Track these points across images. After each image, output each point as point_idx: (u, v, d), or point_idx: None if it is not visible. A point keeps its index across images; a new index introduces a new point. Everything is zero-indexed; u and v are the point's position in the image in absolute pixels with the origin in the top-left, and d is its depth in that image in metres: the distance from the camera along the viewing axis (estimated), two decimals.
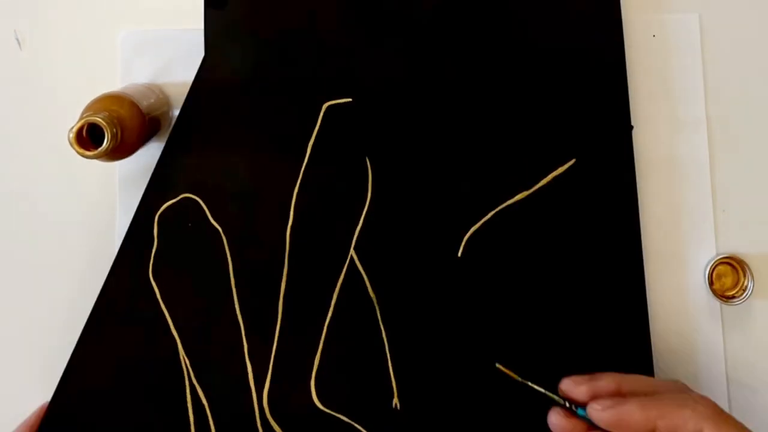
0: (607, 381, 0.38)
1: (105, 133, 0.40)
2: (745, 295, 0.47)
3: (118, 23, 0.50)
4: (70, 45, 0.50)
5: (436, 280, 0.46)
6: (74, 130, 0.40)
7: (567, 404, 0.39)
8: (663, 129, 0.49)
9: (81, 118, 0.40)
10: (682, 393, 0.37)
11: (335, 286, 0.47)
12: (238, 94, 0.48)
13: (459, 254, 0.47)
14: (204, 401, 0.46)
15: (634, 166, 0.48)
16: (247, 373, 0.46)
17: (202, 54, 0.48)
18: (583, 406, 0.39)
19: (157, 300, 0.47)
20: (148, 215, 0.47)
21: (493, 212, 0.47)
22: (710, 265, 0.48)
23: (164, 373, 0.46)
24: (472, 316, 0.46)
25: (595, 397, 0.38)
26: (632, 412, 0.36)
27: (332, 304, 0.46)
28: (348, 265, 0.47)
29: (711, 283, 0.48)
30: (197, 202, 0.47)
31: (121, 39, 0.50)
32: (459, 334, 0.46)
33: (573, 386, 0.39)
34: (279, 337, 0.46)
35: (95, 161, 0.42)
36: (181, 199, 0.47)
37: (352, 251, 0.47)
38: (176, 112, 0.49)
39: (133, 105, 0.43)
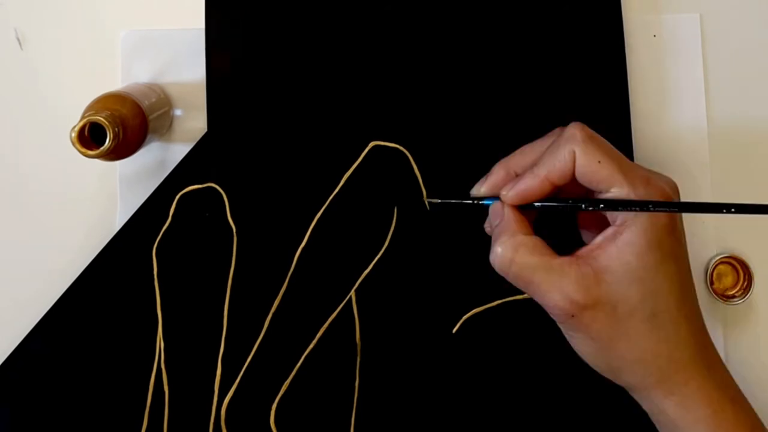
0: (499, 169, 0.41)
1: (107, 132, 0.40)
2: (745, 294, 0.47)
3: (119, 23, 0.50)
4: (71, 44, 0.50)
5: (423, 348, 0.46)
6: (76, 129, 0.40)
7: (478, 203, 0.42)
8: (663, 129, 0.50)
9: (83, 118, 0.40)
10: (559, 135, 0.39)
11: (325, 321, 0.47)
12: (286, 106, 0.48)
13: (453, 331, 0.47)
14: (166, 388, 0.46)
15: None
16: (215, 376, 0.46)
17: (203, 54, 0.48)
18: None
19: (153, 276, 0.47)
20: (170, 193, 0.47)
21: (499, 301, 0.47)
22: (710, 264, 0.48)
23: (136, 349, 0.46)
24: (449, 395, 0.46)
25: (495, 187, 0.40)
26: (526, 182, 0.38)
27: (317, 337, 0.46)
28: (344, 304, 0.47)
29: (711, 283, 0.48)
30: (221, 195, 0.47)
31: (122, 38, 0.50)
32: (431, 407, 0.46)
33: (476, 190, 0.42)
34: (256, 351, 0.46)
35: (96, 161, 0.42)
36: (207, 187, 0.47)
37: (352, 292, 0.47)
38: (177, 112, 0.49)
39: (134, 104, 0.43)
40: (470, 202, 0.42)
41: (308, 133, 0.48)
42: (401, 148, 0.48)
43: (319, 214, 0.47)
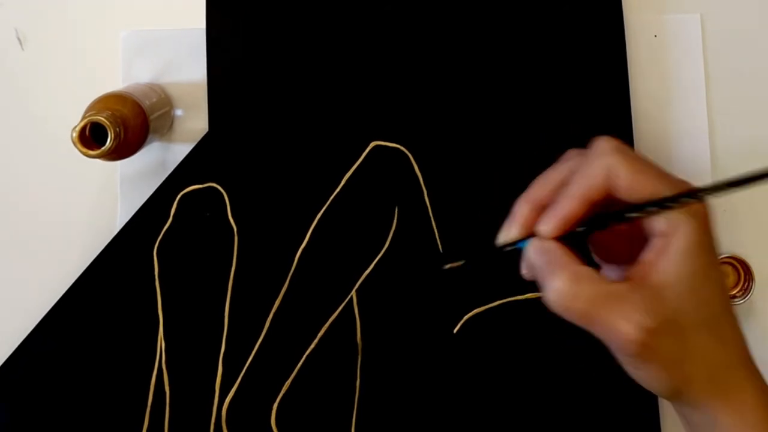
0: (523, 207, 0.37)
1: (108, 132, 0.40)
2: (746, 295, 0.47)
3: (120, 23, 0.50)
4: (72, 45, 0.50)
5: (424, 348, 0.46)
6: (77, 129, 0.40)
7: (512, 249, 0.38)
8: (664, 129, 0.50)
9: (84, 118, 0.40)
10: (584, 155, 0.37)
11: (326, 320, 0.47)
12: (285, 105, 0.48)
13: (454, 331, 0.47)
14: (167, 388, 0.46)
15: None
16: (216, 376, 0.46)
17: (203, 54, 0.48)
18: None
19: (154, 276, 0.47)
20: (171, 193, 0.47)
21: (499, 302, 0.47)
22: None
23: (138, 349, 0.46)
24: (449, 395, 0.46)
25: (527, 226, 0.37)
26: (561, 208, 0.35)
27: (318, 337, 0.46)
28: (345, 304, 0.47)
29: None
30: (222, 194, 0.47)
31: (123, 39, 0.50)
32: (431, 407, 0.46)
33: (504, 236, 0.38)
34: (257, 351, 0.46)
35: (97, 161, 0.42)
36: (208, 186, 0.47)
37: (353, 292, 0.47)
38: (178, 112, 0.49)
39: (135, 104, 0.43)
40: (502, 249, 0.38)
41: (309, 133, 0.48)
42: (402, 148, 0.48)
43: (320, 214, 0.47)
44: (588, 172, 0.35)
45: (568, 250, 0.36)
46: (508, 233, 0.38)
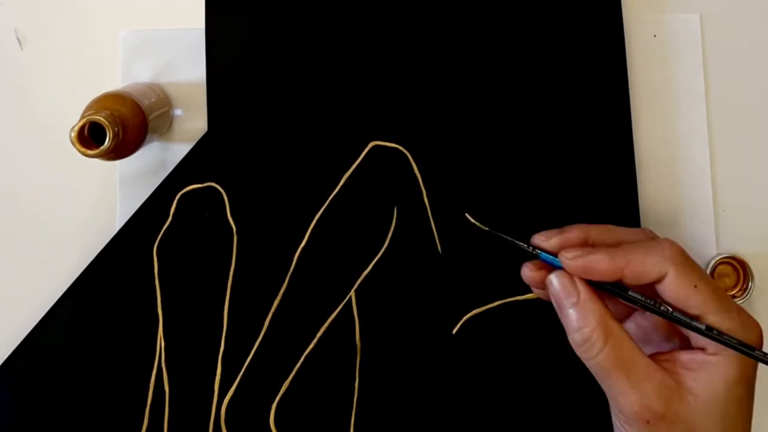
0: (576, 232, 0.38)
1: (107, 132, 0.40)
2: (745, 295, 0.47)
3: (119, 22, 0.50)
4: (71, 44, 0.50)
5: (423, 348, 0.46)
6: (76, 129, 0.40)
7: (533, 251, 0.39)
8: (663, 129, 0.49)
9: (82, 117, 0.40)
10: (650, 240, 0.37)
11: (325, 321, 0.47)
12: (284, 105, 0.48)
13: (454, 331, 0.46)
14: (166, 387, 0.46)
15: (635, 166, 0.48)
16: (215, 376, 0.46)
17: (203, 54, 0.48)
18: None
19: (154, 275, 0.47)
20: (171, 192, 0.47)
21: (499, 302, 0.47)
22: (711, 265, 0.48)
23: (137, 348, 0.46)
24: (449, 396, 0.46)
25: (565, 247, 0.38)
26: (600, 260, 0.36)
27: (317, 337, 0.46)
28: (344, 305, 0.47)
29: None
30: (221, 194, 0.47)
31: (122, 38, 0.50)
32: (430, 407, 0.46)
33: (544, 240, 0.39)
34: (256, 351, 0.46)
35: (96, 161, 0.42)
36: (207, 186, 0.47)
37: (352, 292, 0.47)
38: (177, 112, 0.49)
39: (134, 104, 0.43)
40: (526, 246, 0.39)
41: (308, 133, 0.48)
42: (401, 148, 0.48)
43: (319, 214, 0.47)
44: (645, 258, 0.35)
45: (599, 297, 0.36)
46: (548, 239, 0.38)
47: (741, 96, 0.50)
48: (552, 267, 0.38)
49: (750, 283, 0.47)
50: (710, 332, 0.34)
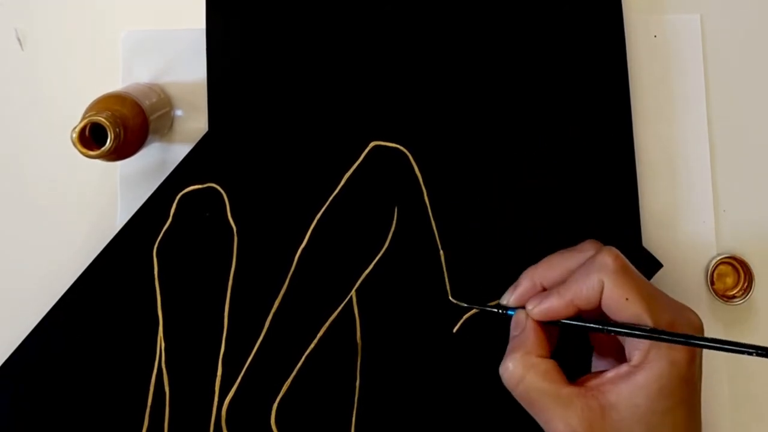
0: (525, 281, 0.41)
1: (108, 132, 0.40)
2: (746, 295, 0.47)
3: (120, 23, 0.50)
4: (71, 45, 0.50)
5: (424, 348, 0.46)
6: (77, 129, 0.40)
7: (504, 313, 0.42)
8: (663, 129, 0.50)
9: (83, 118, 0.40)
10: (589, 259, 0.38)
11: (326, 321, 0.47)
12: (284, 106, 0.48)
13: (454, 330, 0.47)
14: (167, 388, 0.46)
15: (635, 167, 0.48)
16: (216, 376, 0.46)
17: (203, 54, 0.48)
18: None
19: (154, 276, 0.47)
20: (171, 193, 0.47)
21: (499, 301, 0.46)
22: (711, 265, 0.48)
23: (137, 349, 0.46)
24: (449, 395, 0.46)
25: (522, 300, 0.40)
26: (551, 303, 0.38)
27: (317, 337, 0.46)
28: (345, 305, 0.47)
29: (712, 284, 0.48)
30: (221, 195, 0.47)
31: (122, 39, 0.50)
32: (431, 407, 0.46)
33: (504, 300, 0.41)
34: (257, 351, 0.46)
35: (97, 161, 0.42)
36: (207, 187, 0.47)
37: (353, 292, 0.47)
38: (178, 112, 0.49)
39: (135, 105, 0.43)
40: (496, 310, 0.42)
41: (308, 133, 0.48)
42: (401, 148, 0.48)
43: (319, 214, 0.47)
44: (583, 281, 0.37)
45: (542, 336, 0.39)
46: (507, 298, 0.41)
47: (741, 96, 0.50)
48: None
49: (750, 284, 0.47)
50: (635, 330, 0.35)
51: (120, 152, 0.42)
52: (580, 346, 0.42)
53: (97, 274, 0.47)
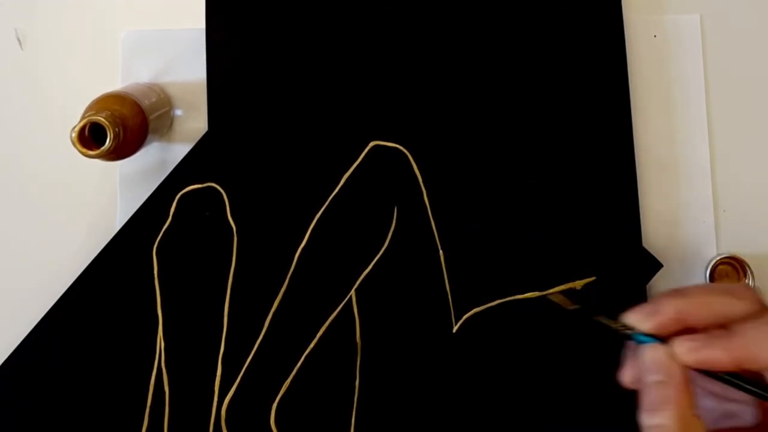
0: (668, 310, 0.34)
1: (107, 132, 0.40)
2: None
3: (119, 23, 0.50)
4: (71, 44, 0.50)
5: (423, 347, 0.46)
6: (76, 129, 0.40)
7: (625, 331, 0.35)
8: (663, 129, 0.49)
9: (83, 118, 0.40)
10: (762, 317, 0.33)
11: (326, 320, 0.47)
12: (282, 105, 0.48)
13: (454, 330, 0.47)
14: (166, 388, 0.46)
15: (635, 166, 0.48)
16: (215, 376, 0.46)
17: (203, 54, 0.48)
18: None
19: (153, 275, 0.47)
20: (170, 192, 0.47)
21: (499, 301, 0.47)
22: (711, 265, 0.48)
23: (137, 349, 0.46)
24: (449, 394, 0.46)
25: (661, 330, 0.34)
26: (716, 356, 0.33)
27: (317, 337, 0.46)
28: (345, 304, 0.47)
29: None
30: (221, 194, 0.47)
31: (122, 38, 0.50)
32: (431, 406, 0.46)
33: (639, 321, 0.35)
34: (256, 351, 0.46)
35: (96, 161, 0.42)
36: (207, 186, 0.47)
37: (352, 292, 0.47)
38: (177, 112, 0.49)
39: (134, 104, 0.43)
40: (627, 333, 0.35)
41: (308, 133, 0.48)
42: (401, 148, 0.48)
43: (319, 214, 0.47)
44: (759, 345, 0.32)
45: (690, 386, 0.33)
46: (640, 321, 0.35)
47: (741, 96, 0.50)
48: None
49: (750, 283, 0.47)
50: None
51: (120, 152, 0.42)
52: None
53: (96, 273, 0.47)
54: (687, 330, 0.34)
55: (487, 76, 0.48)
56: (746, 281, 0.48)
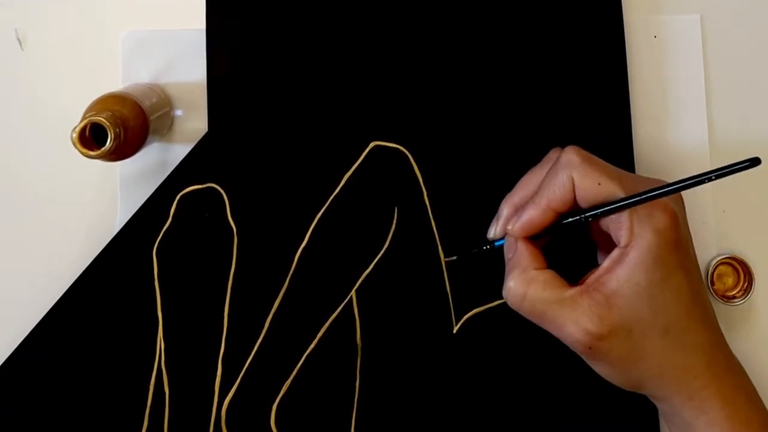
0: (505, 210, 0.42)
1: (108, 133, 0.40)
2: (746, 295, 0.47)
3: (119, 23, 0.50)
4: (71, 45, 0.50)
5: (424, 348, 0.46)
6: (77, 130, 0.40)
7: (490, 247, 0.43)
8: (663, 130, 0.49)
9: (84, 118, 0.40)
10: (555, 162, 0.39)
11: (326, 321, 0.47)
12: (282, 104, 0.48)
13: (454, 331, 0.46)
14: (166, 388, 0.46)
15: (635, 167, 0.48)
16: (215, 377, 0.46)
17: (203, 54, 0.48)
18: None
19: (153, 276, 0.47)
20: (170, 193, 0.47)
21: (499, 301, 0.47)
22: (711, 265, 0.48)
23: (137, 350, 0.46)
24: (450, 395, 0.46)
25: (507, 227, 0.41)
26: (531, 215, 0.39)
27: (317, 337, 0.46)
28: (345, 305, 0.47)
29: (712, 284, 0.48)
30: (221, 195, 0.47)
31: (122, 39, 0.50)
32: (432, 407, 0.46)
33: (490, 234, 0.43)
34: (256, 351, 0.46)
35: (96, 161, 0.42)
36: (207, 187, 0.47)
37: (353, 292, 0.47)
38: (178, 112, 0.49)
39: (135, 105, 0.43)
40: (486, 247, 0.43)
41: (308, 134, 0.48)
42: (401, 148, 0.48)
43: (319, 215, 0.47)
44: (553, 182, 0.38)
45: (535, 251, 0.39)
46: (492, 231, 0.43)
47: (741, 96, 0.50)
48: None
49: (750, 284, 0.47)
50: (609, 206, 0.36)
51: (120, 152, 0.42)
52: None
53: (96, 274, 0.47)
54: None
55: (487, 76, 0.48)
56: (746, 282, 0.48)
